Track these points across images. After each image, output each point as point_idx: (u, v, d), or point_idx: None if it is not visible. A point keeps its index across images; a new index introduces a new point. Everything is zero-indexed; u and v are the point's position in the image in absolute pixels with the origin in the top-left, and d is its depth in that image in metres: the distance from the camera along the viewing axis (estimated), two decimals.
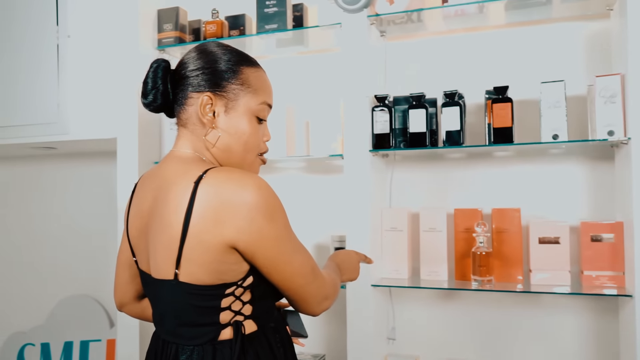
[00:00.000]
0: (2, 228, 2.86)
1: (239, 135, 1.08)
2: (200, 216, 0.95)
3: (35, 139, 2.18)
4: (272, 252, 0.99)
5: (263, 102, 1.10)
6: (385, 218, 1.92)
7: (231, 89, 1.07)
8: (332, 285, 1.15)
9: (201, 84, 1.06)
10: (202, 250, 0.96)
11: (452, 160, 1.98)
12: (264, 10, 1.96)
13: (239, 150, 1.09)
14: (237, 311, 1.02)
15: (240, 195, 0.95)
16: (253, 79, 1.10)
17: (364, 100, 1.82)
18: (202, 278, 0.98)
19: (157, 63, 1.09)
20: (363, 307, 1.81)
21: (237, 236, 0.95)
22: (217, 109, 1.06)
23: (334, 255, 1.36)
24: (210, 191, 0.95)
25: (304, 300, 1.08)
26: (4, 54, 2.24)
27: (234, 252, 0.97)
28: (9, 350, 2.72)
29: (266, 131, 1.15)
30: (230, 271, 0.99)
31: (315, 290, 1.08)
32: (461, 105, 1.76)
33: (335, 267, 1.29)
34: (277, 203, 1.00)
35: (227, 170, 0.99)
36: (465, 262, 1.82)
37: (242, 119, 1.08)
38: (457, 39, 1.97)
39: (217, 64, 1.07)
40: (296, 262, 1.03)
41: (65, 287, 2.69)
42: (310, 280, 1.06)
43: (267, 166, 2.22)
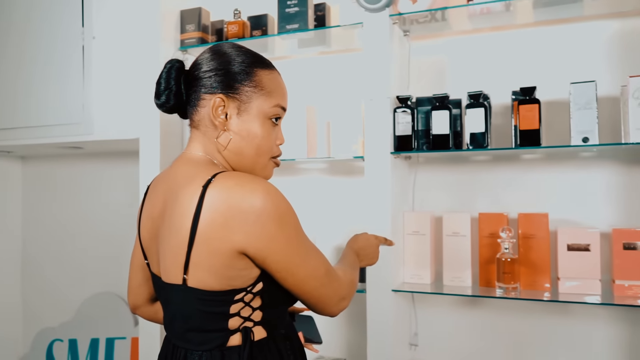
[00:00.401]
0: (34, 226, 2.92)
1: (251, 138, 1.06)
2: (208, 222, 0.94)
3: (61, 139, 2.22)
4: (284, 257, 0.97)
5: (276, 105, 1.08)
6: (407, 221, 1.88)
7: (244, 91, 1.05)
8: (349, 284, 1.13)
9: (214, 85, 1.05)
10: (210, 255, 0.95)
11: (478, 162, 1.92)
12: (285, 10, 1.93)
13: (251, 153, 1.07)
14: (246, 317, 1.00)
15: (248, 201, 0.93)
16: (267, 81, 1.07)
17: (386, 101, 1.78)
18: (210, 284, 0.97)
19: (171, 64, 1.08)
20: (383, 312, 1.78)
21: (247, 242, 0.94)
22: (229, 111, 1.05)
23: (352, 241, 1.33)
24: (218, 196, 0.94)
25: (321, 302, 1.06)
26: (32, 55, 2.28)
27: (243, 257, 0.96)
28: (38, 346, 2.78)
29: (280, 134, 1.13)
30: (240, 277, 0.97)
31: (331, 291, 1.06)
32: (486, 107, 1.71)
33: (353, 256, 1.27)
34: (287, 207, 0.98)
35: (235, 176, 0.97)
36: (489, 268, 1.77)
37: (255, 122, 1.06)
38: (483, 39, 1.91)
39: (230, 66, 1.06)
40: (309, 265, 1.01)
41: (91, 285, 2.73)
42: (325, 282, 1.04)
43: (287, 167, 2.21)
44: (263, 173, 1.11)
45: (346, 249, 1.30)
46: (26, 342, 2.89)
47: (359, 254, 1.30)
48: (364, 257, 1.31)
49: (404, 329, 1.91)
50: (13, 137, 2.33)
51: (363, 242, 1.33)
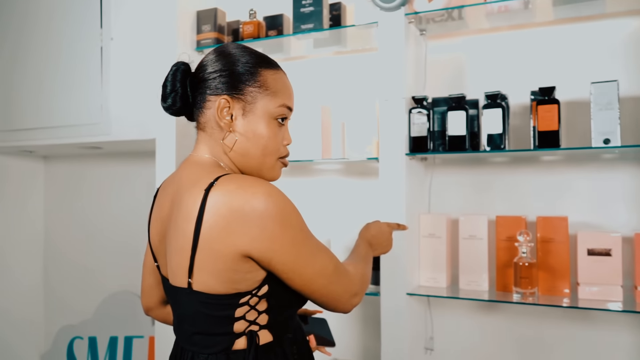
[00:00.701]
0: (55, 225, 2.97)
1: (257, 139, 1.05)
2: (210, 225, 0.93)
3: (80, 139, 2.24)
4: (290, 257, 0.96)
5: (282, 105, 1.07)
6: (423, 224, 1.85)
7: (249, 91, 1.04)
8: (360, 279, 1.11)
9: (219, 87, 1.04)
10: (214, 259, 0.95)
11: (495, 164, 1.88)
12: (300, 10, 1.92)
13: (257, 154, 1.06)
14: (251, 321, 1.00)
15: (250, 204, 0.92)
16: (272, 81, 1.06)
17: (401, 102, 1.75)
18: (215, 287, 0.96)
19: (177, 66, 1.08)
20: (398, 316, 1.75)
21: (251, 245, 0.93)
22: (234, 112, 1.04)
23: (364, 230, 1.32)
24: (220, 200, 0.93)
25: (332, 300, 1.05)
26: (52, 57, 2.31)
27: (247, 260, 0.95)
28: (60, 342, 2.82)
29: (286, 134, 1.11)
30: (244, 280, 0.97)
31: (341, 288, 1.04)
32: (504, 107, 1.67)
33: (365, 246, 1.26)
34: (290, 208, 0.97)
35: (237, 178, 0.97)
36: (507, 272, 1.73)
37: (260, 122, 1.05)
38: (501, 37, 1.87)
39: (234, 67, 1.05)
40: (317, 263, 1.00)
41: (110, 283, 2.76)
42: (334, 280, 1.03)
43: (302, 168, 2.20)
44: (271, 174, 1.10)
45: (358, 240, 1.29)
46: (48, 340, 2.93)
47: (371, 243, 1.29)
48: (377, 245, 1.30)
49: (419, 333, 1.88)
50: (35, 137, 2.37)
51: (375, 231, 1.32)
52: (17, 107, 2.41)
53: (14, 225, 2.83)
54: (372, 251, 1.28)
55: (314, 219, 2.16)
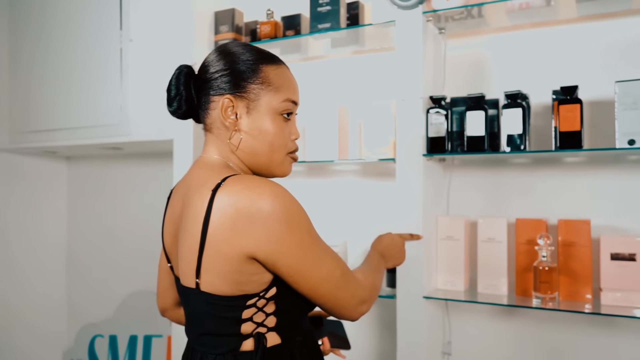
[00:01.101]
0: (78, 224, 3.01)
1: (263, 136, 1.04)
2: (217, 226, 0.93)
3: (99, 140, 2.26)
4: (295, 261, 0.95)
5: (286, 100, 1.06)
6: (441, 226, 1.82)
7: (251, 89, 1.04)
8: (370, 287, 1.09)
9: (221, 86, 1.04)
10: (220, 260, 0.94)
11: (516, 165, 1.84)
12: (317, 10, 1.91)
13: (264, 151, 1.05)
14: (259, 323, 0.99)
15: (256, 205, 0.91)
16: (274, 76, 1.05)
17: (418, 102, 1.72)
18: (221, 288, 0.96)
19: (179, 69, 1.08)
20: (414, 320, 1.72)
21: (256, 246, 0.92)
22: (239, 110, 1.04)
23: (376, 242, 1.30)
24: (226, 200, 0.93)
25: (338, 306, 1.03)
26: (73, 58, 2.34)
27: (253, 262, 0.94)
28: (81, 340, 2.87)
29: (294, 129, 1.10)
30: (250, 282, 0.96)
31: (348, 295, 1.02)
32: (524, 107, 1.63)
33: (377, 257, 1.24)
34: (297, 209, 0.95)
35: (244, 179, 0.96)
36: (526, 276, 1.68)
37: (265, 119, 1.04)
38: (522, 35, 1.83)
39: (236, 65, 1.05)
40: (323, 268, 0.98)
41: (131, 282, 2.78)
42: (341, 286, 1.01)
43: (319, 169, 2.18)
44: (281, 170, 1.09)
45: (370, 251, 1.27)
46: (70, 337, 2.98)
47: (383, 254, 1.27)
48: (389, 257, 1.28)
49: (436, 337, 1.84)
50: (56, 138, 2.40)
51: (387, 242, 1.30)
52: (38, 108, 2.45)
53: (37, 224, 2.88)
54: (385, 263, 1.26)
55: (330, 220, 2.14)
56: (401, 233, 1.36)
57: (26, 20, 2.49)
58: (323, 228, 2.12)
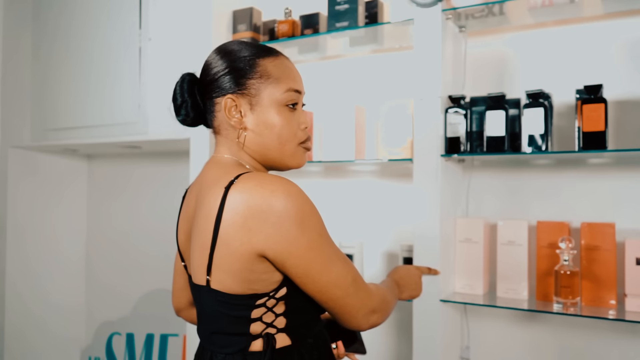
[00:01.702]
0: (97, 223, 3.04)
1: (270, 130, 1.03)
2: (228, 223, 0.92)
3: (118, 139, 2.27)
4: (304, 262, 0.93)
5: (288, 90, 1.04)
6: (459, 228, 1.78)
7: (251, 84, 1.02)
8: (381, 299, 1.06)
9: (222, 87, 1.03)
10: (231, 258, 0.93)
11: (538, 167, 1.79)
12: (334, 8, 1.89)
13: (274, 144, 1.04)
14: (269, 323, 0.98)
15: (268, 202, 0.90)
16: (272, 68, 1.04)
17: (436, 101, 1.69)
18: (231, 287, 0.95)
19: (182, 77, 1.07)
20: (431, 323, 1.69)
21: (266, 244, 0.91)
22: (242, 108, 1.03)
23: (392, 272, 1.28)
24: (238, 198, 0.91)
25: (346, 313, 1.00)
26: (94, 56, 2.36)
27: (263, 261, 0.93)
28: (99, 338, 2.89)
29: (302, 118, 1.07)
30: (260, 281, 0.95)
31: (358, 302, 0.99)
32: (546, 107, 1.58)
33: (392, 283, 1.20)
34: (310, 209, 0.94)
35: (257, 176, 0.94)
36: (548, 280, 1.64)
37: (270, 112, 1.03)
38: (545, 33, 1.78)
39: (234, 63, 1.04)
40: (333, 272, 0.96)
41: (148, 281, 2.79)
42: (350, 292, 0.98)
43: (335, 169, 2.16)
44: (294, 161, 1.07)
45: (386, 278, 1.24)
46: (88, 335, 3.00)
47: (399, 283, 1.23)
48: (404, 286, 1.24)
49: (454, 342, 1.80)
50: (76, 135, 2.42)
51: (404, 273, 1.27)
52: (58, 106, 2.47)
53: (57, 222, 2.91)
54: (400, 292, 1.23)
55: (346, 221, 2.12)
56: (419, 266, 1.33)
57: (48, 20, 2.52)
58: (339, 229, 2.12)
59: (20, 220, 2.71)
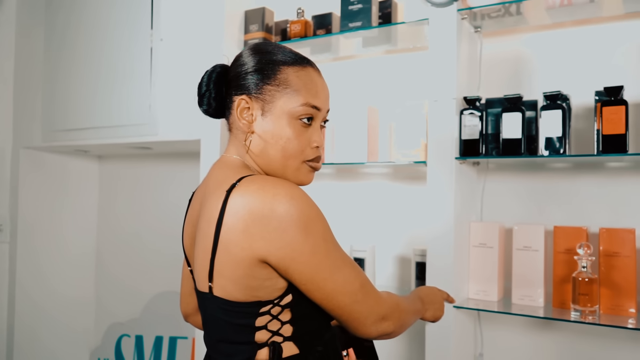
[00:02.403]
0: (107, 223, 3.03)
1: (275, 140, 0.99)
2: (229, 228, 0.89)
3: (128, 139, 2.26)
4: (308, 268, 0.90)
5: (305, 104, 0.99)
6: (474, 232, 1.74)
7: (267, 90, 1.00)
8: (393, 306, 1.01)
9: (241, 85, 1.01)
10: (232, 264, 0.90)
11: (554, 170, 1.75)
12: (348, 8, 1.86)
13: (277, 156, 1.00)
14: (274, 331, 0.94)
15: (270, 206, 0.87)
16: (294, 78, 1.00)
17: (451, 103, 1.65)
18: (234, 293, 0.92)
19: (213, 67, 1.06)
20: (444, 330, 1.65)
21: (268, 250, 0.88)
22: (254, 112, 1.00)
23: (417, 289, 1.24)
24: (239, 201, 0.89)
25: (354, 320, 0.96)
26: (105, 57, 2.35)
27: (266, 267, 0.90)
28: (108, 339, 2.88)
29: (315, 136, 1.02)
30: (263, 288, 0.92)
31: (366, 309, 0.96)
32: (564, 109, 1.54)
33: (415, 298, 1.16)
34: (314, 214, 0.90)
35: (259, 179, 0.92)
36: (565, 287, 1.59)
37: (280, 122, 0.99)
38: (564, 34, 1.74)
39: (259, 65, 1.01)
40: (339, 278, 0.92)
41: (158, 283, 2.78)
42: (358, 299, 0.94)
43: (348, 171, 2.13)
44: (296, 178, 1.02)
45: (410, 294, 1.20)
46: (98, 336, 2.99)
47: (423, 300, 1.19)
48: (429, 304, 1.20)
49: (467, 349, 1.76)
50: (87, 136, 2.41)
51: (427, 291, 1.23)
52: (69, 107, 2.46)
53: (68, 223, 2.91)
54: (424, 309, 1.18)
55: (358, 224, 2.09)
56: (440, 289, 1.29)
57: (60, 21, 2.52)
58: (351, 232, 2.08)
59: (31, 221, 2.71)
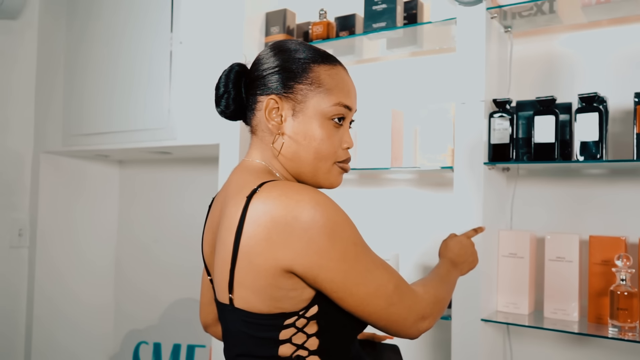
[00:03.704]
0: (128, 229, 3.00)
1: (308, 142, 0.95)
2: (250, 236, 0.84)
3: (147, 144, 2.23)
4: (339, 275, 0.84)
5: (338, 104, 0.96)
6: (503, 241, 1.66)
7: (299, 89, 0.95)
8: (431, 300, 0.96)
9: (269, 85, 0.96)
10: (254, 274, 0.85)
11: (591, 177, 1.66)
12: (371, 8, 1.80)
13: (308, 158, 0.95)
14: (299, 345, 0.88)
15: (294, 213, 0.82)
16: (325, 77, 0.96)
17: (479, 105, 1.58)
18: (256, 305, 0.86)
19: (231, 67, 1.01)
20: (471, 344, 1.56)
21: (293, 259, 0.82)
22: (284, 112, 0.95)
23: (444, 249, 1.17)
24: (261, 208, 0.83)
25: (393, 324, 0.91)
26: (124, 61, 2.33)
27: (291, 277, 0.84)
28: (127, 346, 2.84)
29: (346, 137, 1.00)
30: (288, 299, 0.86)
31: (404, 310, 0.90)
32: (601, 111, 1.45)
33: (447, 266, 1.11)
34: (341, 219, 0.85)
35: (282, 185, 0.86)
36: (601, 301, 1.50)
37: (312, 123, 0.95)
38: (600, 33, 1.65)
39: (286, 63, 0.96)
40: (372, 282, 0.87)
41: (176, 290, 2.74)
42: (395, 301, 0.89)
43: (370, 177, 2.06)
44: (327, 180, 0.99)
45: (440, 261, 1.14)
46: (116, 342, 2.96)
47: (455, 261, 1.13)
48: (462, 263, 1.15)
49: None
50: (106, 141, 2.39)
51: (457, 247, 1.16)
52: (89, 111, 2.45)
53: (88, 228, 2.89)
54: (458, 270, 1.13)
55: (382, 231, 2.02)
56: (465, 233, 1.22)
57: (81, 25, 2.51)
58: (374, 239, 2.00)
59: (51, 226, 2.70)
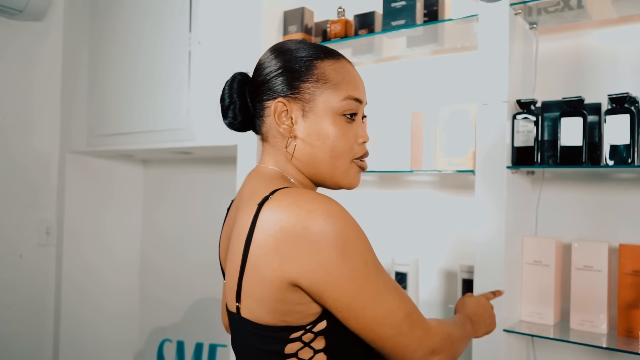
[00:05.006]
0: (152, 228, 3.02)
1: (322, 141, 0.92)
2: (259, 245, 0.81)
3: (167, 145, 2.22)
4: (346, 294, 0.80)
5: (347, 98, 0.92)
6: (527, 248, 1.59)
7: (305, 88, 0.91)
8: (444, 337, 0.91)
9: (274, 89, 0.93)
10: (260, 285, 0.82)
11: (621, 181, 1.57)
12: (390, 5, 1.74)
13: (325, 158, 0.92)
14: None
15: (304, 224, 0.78)
16: (331, 72, 0.93)
17: (502, 106, 1.51)
18: (261, 316, 0.84)
19: (233, 77, 0.98)
20: (492, 356, 1.50)
21: (300, 273, 0.79)
22: (293, 114, 0.92)
23: (461, 306, 1.14)
24: (271, 217, 0.80)
25: (399, 354, 0.86)
26: (145, 61, 2.32)
27: (297, 291, 0.81)
28: (151, 344, 2.88)
29: (360, 131, 0.96)
30: (294, 313, 0.82)
31: (413, 342, 0.85)
32: (633, 113, 1.37)
33: (464, 320, 1.06)
34: (353, 233, 0.80)
35: (294, 193, 0.83)
36: (632, 314, 1.42)
37: (324, 121, 0.92)
38: (632, 29, 1.56)
39: (288, 64, 0.93)
40: (381, 307, 0.82)
41: (199, 289, 2.74)
42: (403, 330, 0.84)
43: (389, 179, 2.01)
44: (346, 180, 0.96)
45: (457, 315, 1.10)
46: (142, 340, 2.99)
47: (472, 320, 1.09)
48: (479, 323, 1.11)
49: None
50: (128, 141, 2.39)
51: (475, 306, 1.13)
52: (112, 111, 2.46)
53: (113, 227, 2.92)
54: (474, 331, 1.09)
55: (401, 235, 1.96)
56: (484, 293, 1.17)
57: (104, 26, 2.52)
58: (393, 243, 1.96)
59: (77, 224, 2.73)
